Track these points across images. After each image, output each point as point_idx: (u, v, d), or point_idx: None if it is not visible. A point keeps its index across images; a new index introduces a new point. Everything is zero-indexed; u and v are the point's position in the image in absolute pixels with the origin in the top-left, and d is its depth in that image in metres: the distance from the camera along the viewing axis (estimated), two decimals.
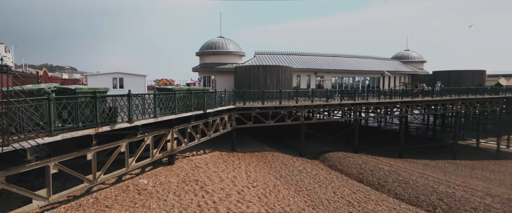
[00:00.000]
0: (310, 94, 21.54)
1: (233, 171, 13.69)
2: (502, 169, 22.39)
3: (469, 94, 26.24)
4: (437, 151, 26.94)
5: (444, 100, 25.19)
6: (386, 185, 15.03)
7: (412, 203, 13.06)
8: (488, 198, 13.42)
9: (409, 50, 41.70)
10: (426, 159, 23.63)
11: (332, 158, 19.79)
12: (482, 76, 32.33)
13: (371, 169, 17.26)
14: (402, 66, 39.05)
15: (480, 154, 27.17)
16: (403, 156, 23.43)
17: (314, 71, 31.27)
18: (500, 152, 26.69)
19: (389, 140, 28.81)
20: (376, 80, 35.34)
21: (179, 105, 12.37)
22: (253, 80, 24.15)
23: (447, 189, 14.13)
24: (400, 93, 24.50)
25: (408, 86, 33.29)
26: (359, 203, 11.93)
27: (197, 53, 29.69)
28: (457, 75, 32.07)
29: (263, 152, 19.36)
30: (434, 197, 13.26)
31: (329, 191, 13.09)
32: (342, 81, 33.82)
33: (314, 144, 24.67)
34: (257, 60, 30.80)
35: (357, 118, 23.25)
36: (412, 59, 40.36)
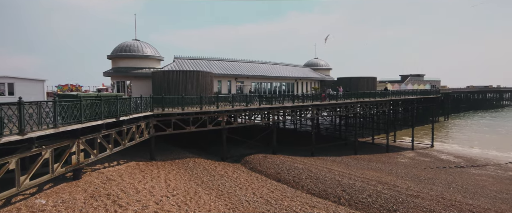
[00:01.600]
0: (230, 99, 22.05)
1: (151, 181, 13.04)
2: (390, 160, 26.77)
3: (365, 97, 30.64)
4: (342, 148, 30.58)
5: (346, 103, 28.84)
6: (300, 182, 16.40)
7: (322, 196, 14.58)
8: (379, 185, 15.91)
9: (318, 58, 46.41)
10: (333, 155, 26.57)
11: (252, 160, 20.59)
12: (374, 82, 38.23)
13: (288, 168, 18.59)
14: (313, 73, 43.20)
15: (374, 148, 31.90)
16: (315, 154, 25.87)
17: (234, 76, 32.06)
18: (389, 146, 31.83)
19: (304, 140, 31.47)
20: (291, 86, 38.22)
21: (86, 113, 11.24)
22: (173, 85, 23.45)
23: (349, 181, 16.22)
24: (311, 97, 27.06)
25: (318, 90, 37.01)
26: (276, 201, 12.76)
27: (109, 56, 27.33)
28: (356, 81, 37.13)
29: (184, 159, 18.94)
30: (339, 189, 15.07)
31: (249, 192, 13.62)
32: (261, 86, 35.51)
33: (236, 148, 25.26)
34: (176, 65, 30.00)
35: (275, 121, 24.76)
36: (321, 67, 45.03)
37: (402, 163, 25.86)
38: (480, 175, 22.19)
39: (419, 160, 27.23)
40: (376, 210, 12.86)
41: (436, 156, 29.19)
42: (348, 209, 12.75)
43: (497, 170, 24.10)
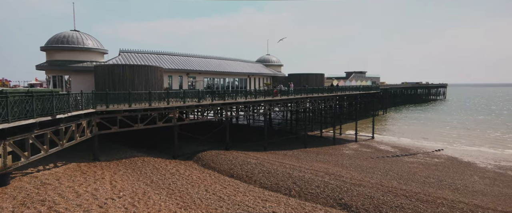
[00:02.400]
0: (182, 95, 21.43)
1: (94, 183, 12.15)
2: (336, 152, 28.53)
3: (314, 93, 32.11)
4: (293, 142, 31.73)
5: (297, 98, 29.93)
6: (253, 176, 16.65)
7: (274, 190, 14.99)
8: (326, 176, 16.88)
9: (270, 54, 47.33)
10: (285, 149, 27.45)
11: (205, 157, 20.33)
12: (322, 78, 40.25)
13: (241, 163, 18.74)
14: (265, 69, 43.95)
15: (323, 141, 33.68)
16: (268, 149, 26.46)
17: (186, 71, 31.21)
18: (335, 139, 33.87)
19: (257, 135, 31.97)
20: (244, 81, 38.45)
21: (14, 111, 10.01)
22: (118, 80, 22.01)
23: (299, 174, 16.91)
24: (263, 93, 27.53)
25: (270, 86, 37.80)
26: (229, 196, 12.80)
27: (43, 47, 24.66)
28: (305, 77, 38.69)
29: (132, 158, 17.97)
30: (290, 182, 15.64)
31: (201, 189, 13.45)
32: (213, 82, 35.11)
33: (188, 145, 24.69)
34: (122, 59, 28.20)
35: (228, 117, 24.72)
36: (273, 63, 46.01)
37: (347, 154, 27.71)
38: (412, 163, 24.77)
39: (361, 151, 29.43)
40: (324, 199, 13.62)
41: (376, 147, 31.82)
42: (298, 201, 13.31)
43: (426, 157, 27.14)
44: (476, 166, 24.15)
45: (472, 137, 38.62)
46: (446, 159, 26.62)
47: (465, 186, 17.92)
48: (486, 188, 17.79)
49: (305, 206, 12.67)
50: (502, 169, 23.12)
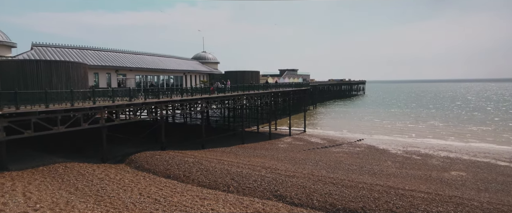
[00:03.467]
0: (110, 93, 19.86)
1: (2, 197, 10.57)
2: (272, 146, 29.81)
3: (250, 90, 32.88)
4: (231, 138, 32.07)
5: (234, 95, 30.30)
6: (191, 175, 16.42)
7: (212, 187, 15.04)
8: (263, 170, 17.58)
9: (206, 51, 46.79)
10: (223, 146, 27.60)
11: (139, 159, 19.28)
12: (258, 76, 41.43)
13: (178, 163, 18.28)
14: (201, 66, 43.34)
15: (259, 137, 34.79)
16: (206, 147, 26.27)
17: (115, 68, 28.96)
18: (271, 134, 35.30)
19: (195, 133, 31.42)
20: (180, 79, 37.34)
21: None
22: (31, 78, 19.34)
23: (237, 169, 17.26)
24: (200, 90, 27.17)
25: (206, 84, 37.46)
26: (166, 198, 12.44)
27: None
28: (241, 74, 39.33)
29: (52, 165, 16.06)
30: (228, 178, 15.87)
31: (135, 193, 12.77)
32: (146, 79, 33.29)
33: (120, 147, 23.06)
34: (36, 54, 24.82)
35: (163, 116, 23.78)
36: (209, 60, 45.61)
37: (282, 148, 29.15)
38: (338, 153, 27.30)
39: (295, 144, 31.28)
40: (261, 192, 14.20)
41: (307, 140, 34.15)
42: (236, 196, 13.62)
43: (350, 147, 30.18)
44: (389, 152, 27.76)
45: (386, 128, 44.20)
46: (366, 147, 29.98)
47: (381, 170, 20.50)
48: (397, 171, 20.65)
49: (243, 200, 13.04)
50: (408, 153, 27.05)
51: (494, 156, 25.37)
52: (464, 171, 20.41)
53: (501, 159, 24.41)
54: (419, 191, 14.65)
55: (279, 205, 13.02)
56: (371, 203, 12.79)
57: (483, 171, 20.42)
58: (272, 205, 12.79)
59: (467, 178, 18.66)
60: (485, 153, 26.86)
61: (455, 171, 20.44)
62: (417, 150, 28.23)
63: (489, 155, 25.96)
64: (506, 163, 22.90)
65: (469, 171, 20.57)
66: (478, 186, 16.79)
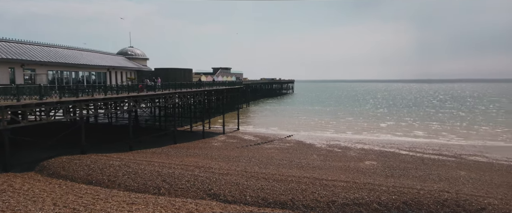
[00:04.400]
0: (14, 91, 17.12)
1: None
2: (206, 145, 29.55)
3: (183, 88, 31.95)
4: (162, 138, 30.71)
5: (165, 93, 29.06)
6: (116, 180, 15.26)
7: (141, 191, 14.24)
8: (196, 170, 17.33)
9: (133, 47, 43.75)
10: (154, 147, 26.26)
11: (53, 165, 17.09)
12: (190, 73, 40.52)
13: (101, 167, 16.78)
14: (128, 62, 40.39)
15: (193, 136, 34.09)
16: (134, 148, 24.64)
17: (20, 62, 25.02)
18: (205, 133, 34.92)
19: (121, 135, 29.16)
20: (103, 75, 34.19)
21: None
22: None
23: (169, 170, 16.67)
24: (127, 88, 25.32)
25: (134, 81, 35.10)
26: (86, 206, 11.33)
27: None
28: (173, 72, 37.96)
29: None
30: (159, 180, 15.23)
31: (48, 204, 11.31)
32: (62, 75, 29.59)
33: (29, 153, 20.09)
34: None
35: (83, 116, 21.50)
36: (137, 56, 42.78)
37: (215, 146, 29.11)
38: (270, 149, 28.49)
39: (229, 142, 31.55)
40: (194, 192, 14.01)
41: (241, 137, 34.78)
42: (168, 198, 13.17)
43: (280, 143, 31.77)
44: (315, 147, 30.08)
45: (311, 124, 47.77)
46: (295, 143, 31.95)
47: (308, 163, 22.11)
48: (321, 163, 22.54)
49: (175, 202, 12.68)
50: (331, 147, 29.74)
51: (398, 146, 29.61)
52: (376, 161, 23.35)
53: (403, 148, 28.63)
54: (340, 180, 16.28)
55: (213, 203, 13.04)
56: (299, 195, 13.74)
57: (390, 160, 23.68)
58: (206, 204, 12.75)
59: (377, 166, 21.40)
60: (391, 144, 31.16)
61: (369, 161, 23.23)
62: (338, 144, 31.20)
63: (394, 145, 30.21)
64: (406, 152, 26.95)
65: (379, 160, 23.61)
66: (386, 173, 19.42)
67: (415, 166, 21.21)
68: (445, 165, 21.77)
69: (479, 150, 28.01)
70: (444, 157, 24.68)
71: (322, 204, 13.04)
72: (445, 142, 32.73)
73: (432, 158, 24.40)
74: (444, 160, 23.76)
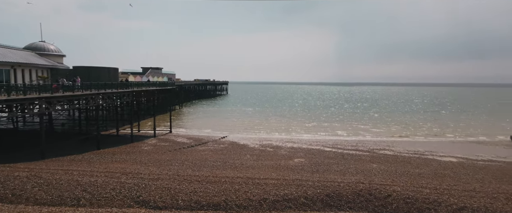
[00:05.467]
0: None
1: None
2: (135, 149, 27.73)
3: (107, 88, 29.38)
4: (83, 144, 27.75)
5: (86, 94, 26.33)
6: (24, 193, 13.28)
7: (56, 204, 12.68)
8: (123, 176, 16.16)
9: (45, 41, 38.53)
10: (73, 154, 23.58)
11: None
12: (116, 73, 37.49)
13: (3, 180, 14.40)
14: (39, 59, 35.42)
15: (120, 140, 31.61)
16: (48, 156, 21.76)
17: None
18: (133, 136, 32.72)
19: (31, 141, 25.41)
20: (6, 73, 29.33)
21: None
22: None
23: (90, 179, 15.18)
24: (38, 88, 22.20)
25: (47, 80, 30.95)
26: None
27: None
28: (96, 71, 34.61)
29: None
30: (79, 190, 13.76)
31: None
32: None
33: None
34: None
35: None
36: (50, 52, 37.78)
37: (145, 150, 27.53)
38: (204, 151, 28.17)
39: (160, 146, 30.16)
40: (120, 201, 13.05)
41: (174, 140, 33.57)
42: (89, 209, 12.02)
43: (214, 144, 31.66)
44: (248, 147, 30.79)
45: (245, 125, 48.80)
46: (229, 144, 32.20)
47: (241, 164, 22.53)
48: (255, 163, 23.21)
49: None
50: (263, 146, 30.83)
51: (323, 144, 32.26)
52: (304, 158, 25.04)
53: (327, 146, 31.30)
54: (271, 178, 17.03)
55: (142, 211, 12.37)
56: (232, 195, 13.95)
57: (316, 156, 25.65)
58: None
59: (305, 163, 22.98)
60: (317, 142, 33.79)
61: (297, 158, 24.78)
62: (270, 143, 32.51)
63: (320, 143, 32.83)
64: (330, 149, 29.54)
65: (307, 157, 25.38)
66: (312, 169, 20.99)
67: (336, 162, 23.38)
68: (361, 159, 24.52)
69: (387, 145, 32.30)
70: (360, 152, 27.77)
71: (254, 202, 13.47)
72: (361, 139, 36.86)
73: (350, 153, 27.23)
74: (360, 155, 26.73)
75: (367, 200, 13.89)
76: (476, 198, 13.73)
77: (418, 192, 14.51)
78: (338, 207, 13.52)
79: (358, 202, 13.74)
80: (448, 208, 12.86)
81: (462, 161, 24.34)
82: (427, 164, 22.67)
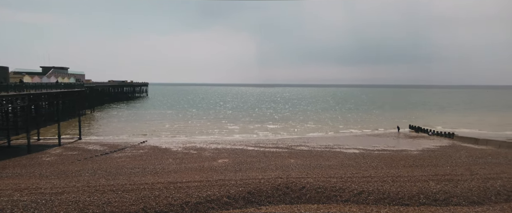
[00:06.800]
0: None
1: None
2: (33, 161, 23.87)
3: None
4: None
5: None
6: None
7: None
8: (16, 193, 13.82)
9: None
10: None
11: None
12: (6, 73, 31.67)
13: None
14: None
15: (12, 152, 26.84)
16: None
17: None
18: (31, 146, 28.14)
19: None
20: None
21: None
22: None
23: None
24: None
25: None
26: None
27: None
28: None
29: None
30: None
31: None
32: None
33: None
34: None
35: None
36: None
37: (47, 161, 24.02)
38: (120, 158, 26.02)
39: (67, 155, 26.69)
40: None
41: (84, 148, 30.10)
42: None
43: (133, 150, 29.55)
44: (171, 150, 29.69)
45: (167, 128, 46.90)
46: (149, 149, 30.46)
47: (163, 168, 21.60)
48: (177, 166, 22.53)
49: None
50: (187, 149, 30.16)
51: (246, 143, 33.29)
52: (227, 158, 25.41)
53: (250, 145, 32.42)
54: (194, 181, 16.82)
55: None
56: (151, 202, 13.32)
57: (239, 156, 26.32)
58: None
59: (229, 163, 23.37)
60: (241, 142, 34.71)
61: (221, 159, 25.02)
62: (194, 146, 32.00)
63: (243, 143, 33.79)
64: (252, 148, 30.68)
65: (230, 157, 25.83)
66: (235, 168, 21.48)
67: (258, 160, 24.43)
68: (280, 156, 26.17)
69: (303, 141, 35.21)
70: (280, 149, 29.60)
71: (176, 207, 13.13)
72: (280, 137, 39.30)
73: (271, 151, 28.79)
74: (280, 151, 28.50)
75: (285, 193, 14.96)
76: (371, 183, 16.13)
77: (327, 182, 16.28)
78: (259, 202, 14.21)
79: (277, 196, 14.69)
80: (350, 193, 14.80)
81: (363, 152, 28.19)
82: (335, 157, 25.53)
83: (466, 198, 14.10)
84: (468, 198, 14.12)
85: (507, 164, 20.31)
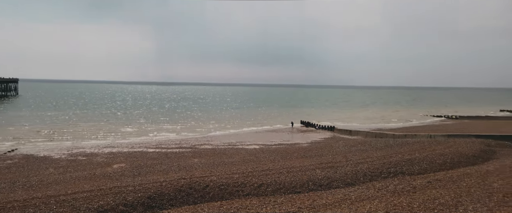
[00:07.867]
0: None
1: None
2: None
3: None
4: None
5: None
6: None
7: None
8: None
9: None
10: None
11: None
12: None
13: None
14: None
15: None
16: None
17: None
18: None
19: None
20: None
21: None
22: None
23: None
24: None
25: None
26: None
27: None
28: None
29: None
30: None
31: None
32: None
33: None
34: None
35: None
36: None
37: None
38: None
39: None
40: None
41: None
42: None
43: None
44: (52, 158, 25.29)
45: (45, 133, 39.79)
46: (20, 158, 25.23)
47: (40, 180, 18.22)
48: (60, 176, 19.36)
49: None
50: (73, 156, 26.24)
51: (146, 145, 31.21)
52: (124, 162, 23.30)
53: (150, 146, 30.54)
54: (83, 191, 14.80)
55: None
56: None
57: (138, 159, 24.48)
58: None
59: (126, 168, 21.46)
60: (140, 144, 32.34)
61: (117, 164, 22.78)
62: (83, 151, 28.12)
63: (142, 145, 31.57)
64: (153, 149, 29.00)
65: (128, 161, 23.75)
66: (134, 172, 19.89)
67: (160, 161, 23.26)
68: (184, 156, 25.58)
69: (207, 140, 35.33)
70: (183, 149, 28.90)
71: None
72: (184, 137, 38.39)
73: (174, 151, 27.85)
74: (183, 151, 27.83)
75: (188, 194, 14.72)
76: (269, 175, 17.46)
77: (230, 178, 16.80)
78: (160, 206, 13.58)
79: (180, 198, 14.32)
80: (251, 187, 15.68)
81: (262, 147, 30.19)
82: (238, 153, 26.55)
83: (343, 181, 16.77)
84: (344, 180, 16.82)
85: (371, 150, 25.05)
